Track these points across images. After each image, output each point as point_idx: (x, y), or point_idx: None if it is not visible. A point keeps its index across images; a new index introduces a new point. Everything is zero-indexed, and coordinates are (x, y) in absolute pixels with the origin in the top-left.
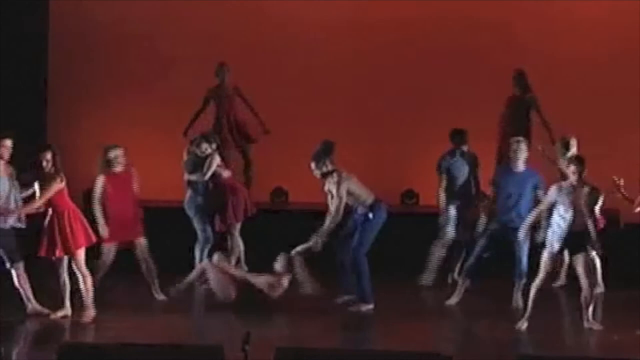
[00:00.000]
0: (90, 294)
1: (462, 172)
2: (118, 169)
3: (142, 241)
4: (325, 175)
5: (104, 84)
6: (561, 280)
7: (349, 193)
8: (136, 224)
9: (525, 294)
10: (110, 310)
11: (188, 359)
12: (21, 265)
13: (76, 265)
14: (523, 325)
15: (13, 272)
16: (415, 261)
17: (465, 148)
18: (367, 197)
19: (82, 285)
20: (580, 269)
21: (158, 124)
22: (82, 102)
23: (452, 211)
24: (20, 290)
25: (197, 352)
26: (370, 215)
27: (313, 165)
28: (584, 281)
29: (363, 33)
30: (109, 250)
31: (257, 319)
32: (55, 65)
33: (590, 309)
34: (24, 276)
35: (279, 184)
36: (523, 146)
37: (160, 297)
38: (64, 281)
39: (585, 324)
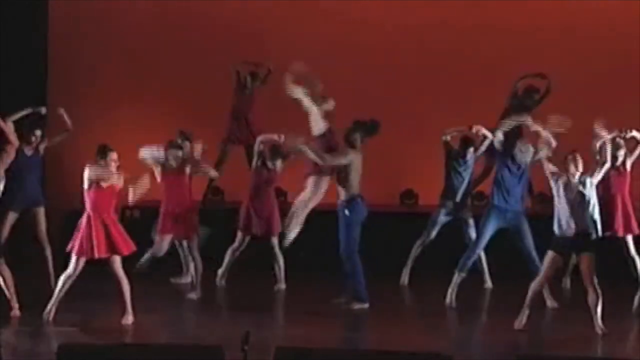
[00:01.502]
0: (128, 296)
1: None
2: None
3: (193, 238)
4: (346, 143)
5: (104, 84)
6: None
7: (342, 169)
8: (189, 220)
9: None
10: (109, 311)
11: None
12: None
13: (114, 268)
14: (521, 324)
15: None
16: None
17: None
18: (350, 190)
19: (122, 289)
20: (584, 270)
21: (159, 125)
22: (82, 103)
23: (442, 215)
24: (5, 291)
25: (196, 353)
26: (347, 212)
27: (349, 130)
28: (587, 282)
29: (362, 33)
30: (163, 243)
31: (257, 319)
32: (55, 66)
33: (599, 311)
34: (8, 273)
35: (277, 184)
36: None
37: (192, 296)
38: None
39: (597, 330)
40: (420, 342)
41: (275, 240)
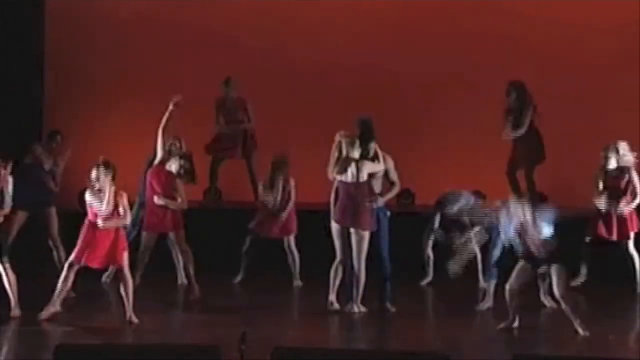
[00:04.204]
0: (131, 297)
1: None
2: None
3: (180, 234)
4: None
5: (102, 85)
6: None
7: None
8: (175, 217)
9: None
10: (108, 311)
11: None
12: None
13: (123, 269)
14: (508, 324)
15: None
16: (412, 261)
17: None
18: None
19: (122, 290)
20: (554, 279)
21: (156, 125)
22: (80, 103)
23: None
24: (9, 291)
25: (194, 353)
26: (389, 213)
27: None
28: (557, 292)
29: (361, 33)
30: (149, 241)
31: (255, 319)
32: (52, 67)
33: (577, 317)
34: (12, 275)
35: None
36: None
37: (195, 296)
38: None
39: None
40: (419, 342)
41: (291, 241)
